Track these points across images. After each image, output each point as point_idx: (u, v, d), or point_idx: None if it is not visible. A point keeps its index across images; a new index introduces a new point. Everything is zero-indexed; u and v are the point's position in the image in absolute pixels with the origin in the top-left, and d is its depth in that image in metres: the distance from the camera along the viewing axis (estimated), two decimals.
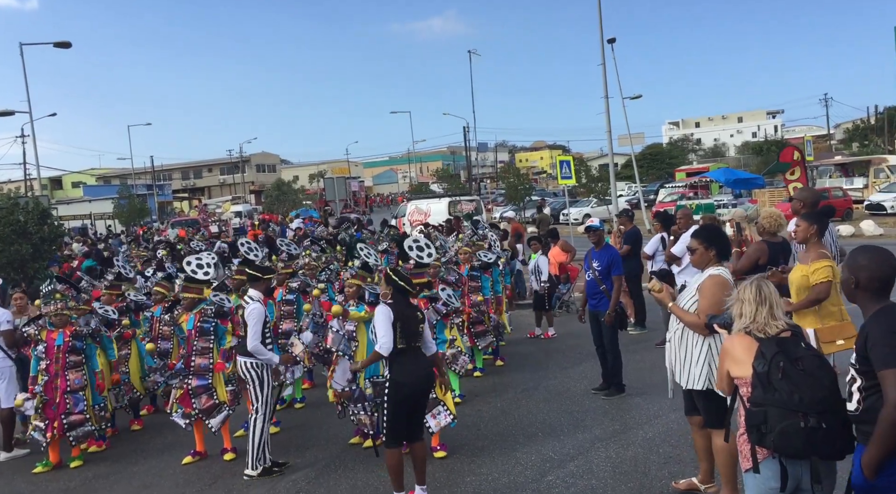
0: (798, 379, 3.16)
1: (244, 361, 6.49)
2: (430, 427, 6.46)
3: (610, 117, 26.17)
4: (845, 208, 28.49)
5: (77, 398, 7.22)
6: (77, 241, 25.90)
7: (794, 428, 3.11)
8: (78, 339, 7.29)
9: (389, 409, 5.44)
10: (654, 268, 10.76)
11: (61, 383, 7.16)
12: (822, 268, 5.78)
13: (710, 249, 4.86)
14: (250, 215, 48.77)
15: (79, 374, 7.25)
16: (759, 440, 3.23)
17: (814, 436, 3.10)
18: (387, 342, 5.34)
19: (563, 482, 5.80)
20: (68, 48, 29.24)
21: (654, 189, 42.97)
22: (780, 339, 3.34)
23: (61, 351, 7.19)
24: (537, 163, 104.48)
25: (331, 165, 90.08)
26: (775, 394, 3.17)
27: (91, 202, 57.18)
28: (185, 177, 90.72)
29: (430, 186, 66.99)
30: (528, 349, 10.88)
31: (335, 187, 30.91)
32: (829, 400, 3.13)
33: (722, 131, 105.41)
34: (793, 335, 3.37)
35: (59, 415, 7.10)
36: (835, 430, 3.11)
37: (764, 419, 3.19)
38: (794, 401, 3.13)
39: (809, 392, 3.13)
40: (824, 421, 3.10)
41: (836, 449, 3.15)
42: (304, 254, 11.23)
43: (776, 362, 3.22)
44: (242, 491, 6.24)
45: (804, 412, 3.10)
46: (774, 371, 3.20)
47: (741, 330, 3.49)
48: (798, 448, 3.14)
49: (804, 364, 3.21)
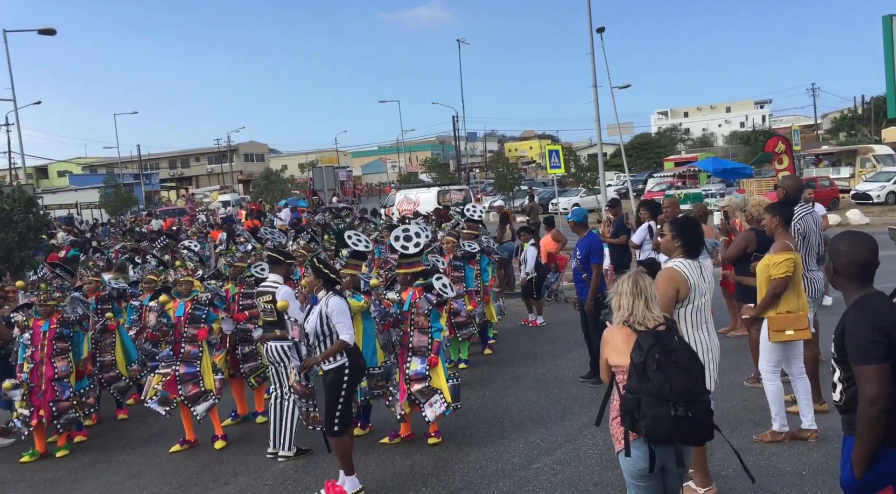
0: (670, 371, 3.43)
1: (274, 345, 6.56)
2: (427, 417, 6.47)
3: (599, 107, 26.03)
4: (832, 198, 28.68)
5: (63, 385, 7.20)
6: (63, 230, 25.71)
7: (664, 416, 3.40)
8: (65, 326, 7.24)
9: (346, 396, 5.56)
10: (642, 257, 10.79)
11: (47, 370, 7.12)
12: (782, 262, 5.80)
13: (676, 239, 4.84)
14: (238, 204, 48.51)
15: (65, 361, 7.21)
16: (631, 425, 3.50)
17: (680, 424, 3.39)
18: (352, 332, 5.58)
19: (551, 469, 5.82)
20: (53, 35, 28.85)
21: (643, 179, 43.03)
22: (657, 332, 3.57)
23: (47, 338, 7.14)
24: (526, 153, 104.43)
25: (320, 154, 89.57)
26: (649, 384, 3.43)
27: (77, 191, 56.65)
28: (172, 166, 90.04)
29: (420, 175, 66.86)
30: (516, 337, 10.90)
31: (324, 176, 30.80)
32: (695, 391, 3.43)
33: (710, 121, 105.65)
34: (668, 328, 3.62)
35: (46, 403, 7.06)
36: (699, 419, 3.42)
37: (637, 406, 3.46)
38: (665, 391, 3.39)
39: (679, 383, 3.40)
40: (690, 410, 3.40)
41: (699, 436, 3.50)
42: (294, 242, 11.15)
43: (652, 353, 3.46)
44: (230, 479, 6.23)
45: (674, 402, 3.38)
46: (650, 363, 3.45)
47: (620, 322, 3.70)
48: (666, 434, 3.43)
49: (676, 357, 3.47)
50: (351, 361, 5.57)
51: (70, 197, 55.35)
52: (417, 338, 6.57)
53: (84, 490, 6.35)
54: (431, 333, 6.59)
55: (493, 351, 10.01)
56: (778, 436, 5.93)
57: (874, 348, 2.84)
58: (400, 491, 5.67)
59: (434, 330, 6.59)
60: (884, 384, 2.81)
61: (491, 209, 25.22)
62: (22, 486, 6.60)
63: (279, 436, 6.54)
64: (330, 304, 5.55)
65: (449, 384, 6.53)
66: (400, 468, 6.13)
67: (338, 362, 5.56)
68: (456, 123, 57.58)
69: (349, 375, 5.55)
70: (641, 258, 10.79)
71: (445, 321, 6.82)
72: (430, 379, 6.51)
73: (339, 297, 5.65)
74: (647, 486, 3.67)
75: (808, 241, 6.54)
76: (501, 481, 5.69)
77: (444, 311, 6.81)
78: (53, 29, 28.59)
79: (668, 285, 4.66)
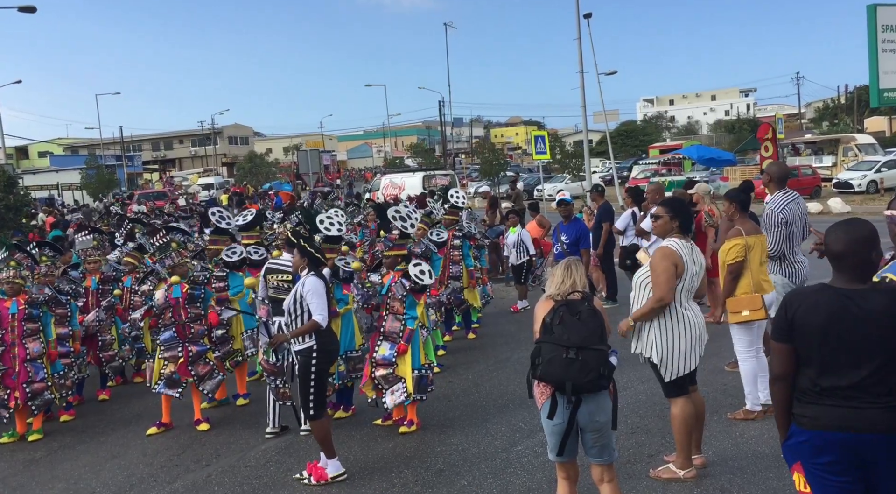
0: (571, 325, 3.95)
1: (284, 322, 6.51)
2: (386, 404, 6.45)
3: (585, 93, 26.20)
4: (814, 186, 28.90)
5: (37, 366, 7.09)
6: (44, 212, 25.44)
7: (557, 359, 3.90)
8: (33, 307, 7.15)
9: (317, 379, 5.50)
10: (625, 243, 10.84)
11: (19, 351, 7.03)
12: (731, 248, 6.00)
13: (674, 219, 5.00)
14: (222, 187, 48.13)
15: (37, 342, 7.12)
16: (533, 372, 4.01)
17: (571, 365, 3.88)
18: (325, 313, 5.48)
19: (533, 451, 5.85)
20: (33, 13, 28.44)
21: (628, 166, 43.16)
22: (569, 300, 4.08)
23: (16, 319, 7.05)
24: (512, 139, 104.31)
25: (305, 138, 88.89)
26: (552, 336, 3.96)
27: (58, 173, 56.04)
28: (155, 148, 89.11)
29: (405, 160, 66.64)
30: (500, 322, 10.92)
31: (308, 160, 30.62)
32: (589, 339, 3.92)
33: (695, 109, 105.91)
34: (582, 297, 4.11)
35: (20, 384, 6.99)
36: (589, 364, 3.89)
37: (538, 353, 3.98)
38: (563, 339, 3.92)
39: (576, 334, 3.92)
40: (581, 355, 3.89)
41: (588, 380, 3.90)
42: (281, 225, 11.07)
43: (559, 312, 4.00)
44: (211, 461, 6.22)
45: (567, 347, 3.89)
46: (556, 319, 3.98)
47: (548, 296, 4.21)
48: (557, 375, 3.92)
49: (582, 316, 3.98)
50: (319, 343, 5.49)
51: (51, 178, 54.77)
52: (390, 323, 6.51)
53: (63, 471, 6.31)
54: (405, 320, 6.51)
55: (477, 336, 10.02)
56: (750, 414, 6.08)
57: (776, 324, 3.12)
58: (382, 473, 5.68)
59: (408, 318, 6.53)
60: (782, 361, 3.08)
61: (476, 195, 25.17)
62: (0, 466, 6.55)
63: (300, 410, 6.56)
64: (306, 284, 5.48)
65: (415, 374, 6.44)
66: (382, 450, 6.15)
67: (306, 343, 5.50)
68: (442, 109, 57.45)
69: (317, 357, 5.48)
70: (625, 244, 10.85)
71: (423, 310, 6.72)
72: (397, 366, 6.46)
73: (318, 278, 5.58)
74: (556, 442, 4.12)
75: (790, 228, 6.58)
76: (483, 463, 5.71)
77: (422, 299, 6.72)
78: (34, 7, 28.11)
79: (665, 263, 4.82)
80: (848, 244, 3.00)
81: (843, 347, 2.93)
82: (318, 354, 5.49)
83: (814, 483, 3.02)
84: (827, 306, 2.96)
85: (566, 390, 3.93)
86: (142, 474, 6.10)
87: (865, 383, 2.91)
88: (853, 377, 2.92)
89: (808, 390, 3.02)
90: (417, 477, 5.55)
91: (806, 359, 3.02)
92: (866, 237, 3.01)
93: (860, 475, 2.95)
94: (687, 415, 4.92)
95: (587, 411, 4.02)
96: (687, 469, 5.01)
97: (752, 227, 6.17)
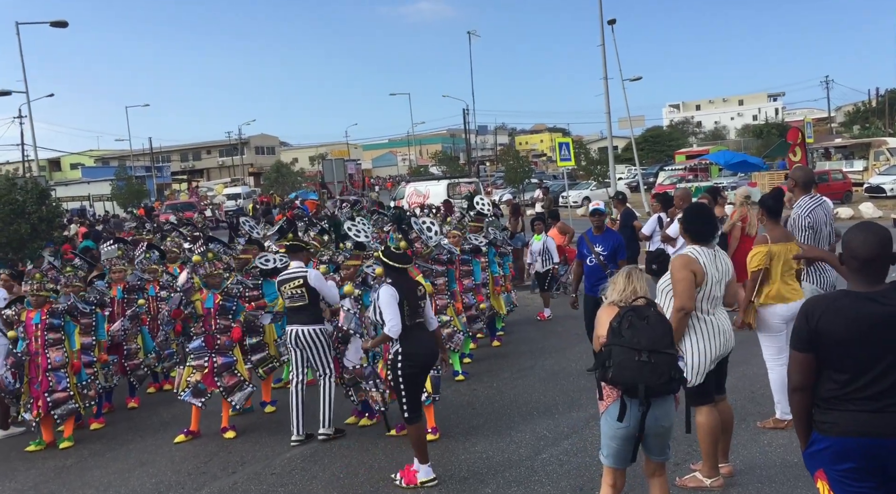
0: (641, 328, 3.91)
1: (311, 328, 6.69)
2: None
3: (609, 100, 26.15)
4: (845, 191, 28.45)
5: (59, 375, 7.16)
6: (75, 222, 25.89)
7: (628, 362, 3.85)
8: (55, 316, 7.25)
9: (406, 383, 5.50)
10: (651, 248, 10.75)
11: (42, 361, 7.14)
12: (755, 255, 5.91)
13: (685, 231, 5.08)
14: (249, 196, 48.58)
15: (59, 352, 7.21)
16: (603, 375, 3.95)
17: (643, 368, 3.84)
18: (395, 324, 5.43)
19: (557, 459, 5.82)
20: (65, 27, 29.07)
21: (654, 172, 42.84)
22: (635, 305, 4.09)
23: (39, 329, 7.15)
24: (537, 146, 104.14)
25: (330, 147, 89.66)
26: (621, 339, 3.91)
27: (89, 184, 57.02)
28: (183, 159, 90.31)
29: (430, 168, 66.82)
30: (525, 330, 10.88)
31: (333, 169, 30.85)
32: (660, 342, 3.88)
33: (722, 114, 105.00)
34: (647, 303, 4.10)
35: (42, 393, 7.10)
36: (660, 367, 3.85)
37: (609, 356, 3.92)
38: (634, 342, 3.87)
39: (647, 337, 3.87)
40: (653, 358, 3.84)
41: (661, 383, 3.86)
42: (305, 234, 11.16)
43: (627, 317, 3.96)
44: (237, 468, 6.27)
45: (639, 350, 3.85)
46: (624, 324, 3.94)
47: (611, 302, 4.25)
48: (629, 377, 3.86)
49: (650, 321, 3.95)
50: (404, 348, 5.50)
51: (82, 189, 55.73)
52: None
53: (93, 478, 6.40)
54: None
55: (501, 343, 10.00)
56: (780, 423, 5.97)
57: (796, 334, 3.07)
58: None
59: None
60: (802, 371, 3.04)
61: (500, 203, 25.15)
62: (32, 474, 6.66)
63: (324, 414, 6.68)
64: (380, 293, 5.56)
65: (430, 374, 6.45)
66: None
67: (392, 349, 5.58)
68: (466, 116, 57.53)
69: (402, 362, 5.49)
70: (651, 249, 10.77)
71: (453, 314, 6.80)
72: None
73: (390, 286, 5.55)
74: (618, 446, 4.10)
75: (818, 233, 6.50)
76: (508, 471, 5.70)
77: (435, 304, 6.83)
78: (66, 21, 28.81)
79: (684, 271, 4.80)
80: (878, 247, 2.98)
81: (869, 350, 2.89)
82: (404, 359, 5.50)
83: (837, 489, 2.98)
84: (851, 311, 2.93)
85: (639, 392, 3.88)
86: (170, 481, 6.16)
87: (892, 385, 2.87)
88: (879, 380, 2.88)
89: (829, 397, 2.98)
90: (441, 485, 5.54)
91: (829, 366, 2.98)
92: (889, 237, 3.02)
93: (882, 480, 2.91)
94: (713, 424, 4.87)
95: (654, 415, 4.00)
96: (714, 478, 4.95)
97: (780, 234, 6.04)
